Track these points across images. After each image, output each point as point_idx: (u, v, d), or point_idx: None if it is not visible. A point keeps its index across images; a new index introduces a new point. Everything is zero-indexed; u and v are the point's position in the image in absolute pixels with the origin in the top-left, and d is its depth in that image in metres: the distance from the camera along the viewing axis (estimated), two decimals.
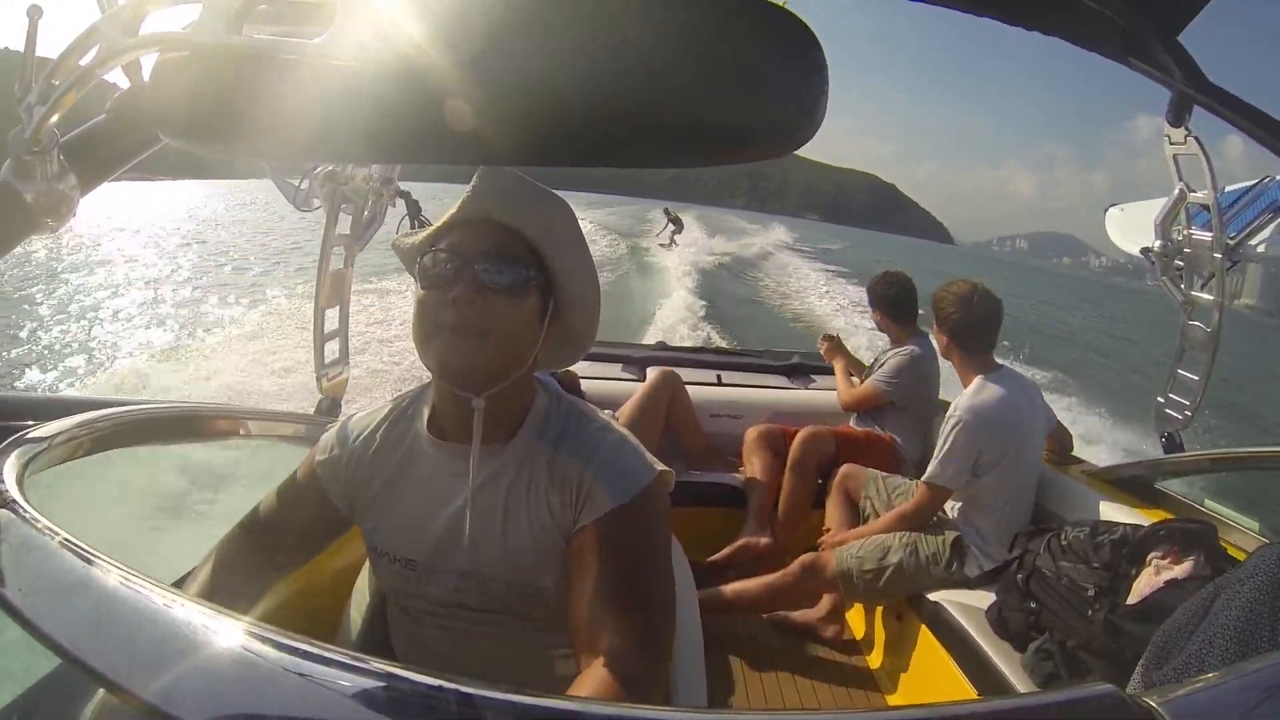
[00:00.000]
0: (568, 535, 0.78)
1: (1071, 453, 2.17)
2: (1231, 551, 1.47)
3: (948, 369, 2.59)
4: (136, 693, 0.33)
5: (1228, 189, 1.95)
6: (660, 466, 0.80)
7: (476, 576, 0.81)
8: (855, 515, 2.18)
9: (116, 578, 0.39)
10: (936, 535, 1.87)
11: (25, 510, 0.47)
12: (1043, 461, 2.00)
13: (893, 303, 2.52)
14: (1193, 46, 1.02)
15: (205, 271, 13.42)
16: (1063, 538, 1.61)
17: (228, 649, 0.35)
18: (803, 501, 2.30)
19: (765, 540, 2.22)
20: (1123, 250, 2.22)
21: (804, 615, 2.04)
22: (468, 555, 0.80)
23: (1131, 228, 2.22)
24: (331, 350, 1.80)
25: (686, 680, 0.94)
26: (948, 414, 1.87)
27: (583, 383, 2.48)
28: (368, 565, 1.06)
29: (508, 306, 0.75)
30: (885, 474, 2.19)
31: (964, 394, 1.89)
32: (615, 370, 2.89)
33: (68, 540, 0.43)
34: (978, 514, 1.86)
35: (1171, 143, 1.79)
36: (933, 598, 1.77)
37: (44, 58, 0.58)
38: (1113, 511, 1.79)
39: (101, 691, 0.58)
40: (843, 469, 2.24)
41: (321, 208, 1.61)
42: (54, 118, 0.59)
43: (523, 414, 0.82)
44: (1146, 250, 2.08)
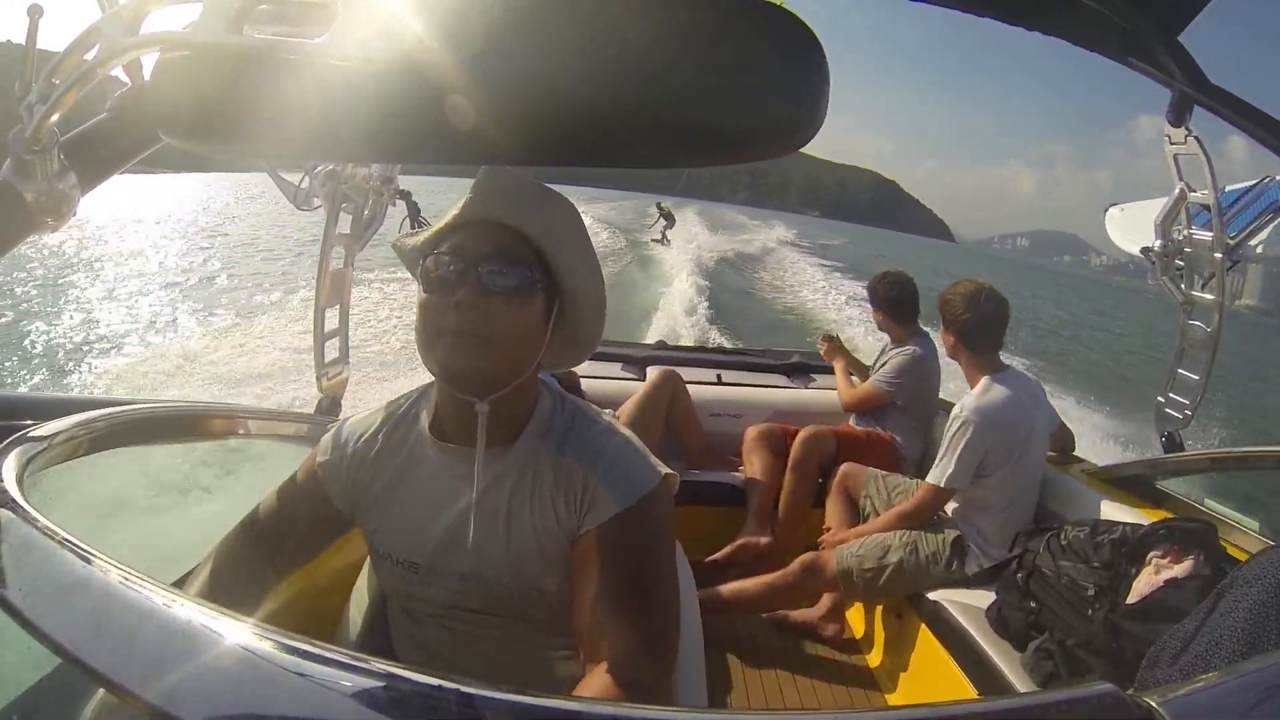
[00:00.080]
0: (572, 539, 0.77)
1: (1073, 452, 2.17)
2: (1231, 551, 1.47)
3: (948, 369, 2.60)
4: (136, 693, 0.33)
5: (1228, 189, 1.94)
6: (664, 470, 0.79)
7: (479, 579, 0.80)
8: (855, 514, 2.18)
9: (116, 578, 0.39)
10: (937, 534, 1.87)
11: (25, 510, 0.47)
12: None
13: (894, 303, 2.52)
14: (1193, 46, 1.02)
15: (236, 261, 13.62)
16: (1062, 537, 1.61)
17: (228, 649, 0.35)
18: (803, 501, 2.30)
19: (765, 539, 2.22)
20: (1123, 250, 2.22)
21: (804, 614, 2.04)
22: (470, 558, 0.79)
23: (1132, 227, 2.22)
24: (331, 349, 1.80)
25: (686, 680, 0.94)
26: (953, 414, 1.87)
27: (583, 382, 2.48)
28: (368, 565, 1.06)
29: (512, 310, 0.73)
30: (885, 473, 2.18)
31: (970, 394, 1.89)
32: (615, 370, 2.89)
33: (68, 540, 0.43)
34: (980, 514, 1.86)
35: (1172, 143, 1.79)
36: (933, 597, 1.77)
37: (45, 51, 0.58)
38: (1113, 511, 1.79)
39: (101, 691, 0.58)
40: (842, 468, 2.24)
41: (322, 207, 1.61)
42: (54, 117, 0.59)
43: (526, 416, 0.81)
44: (1147, 250, 2.07)
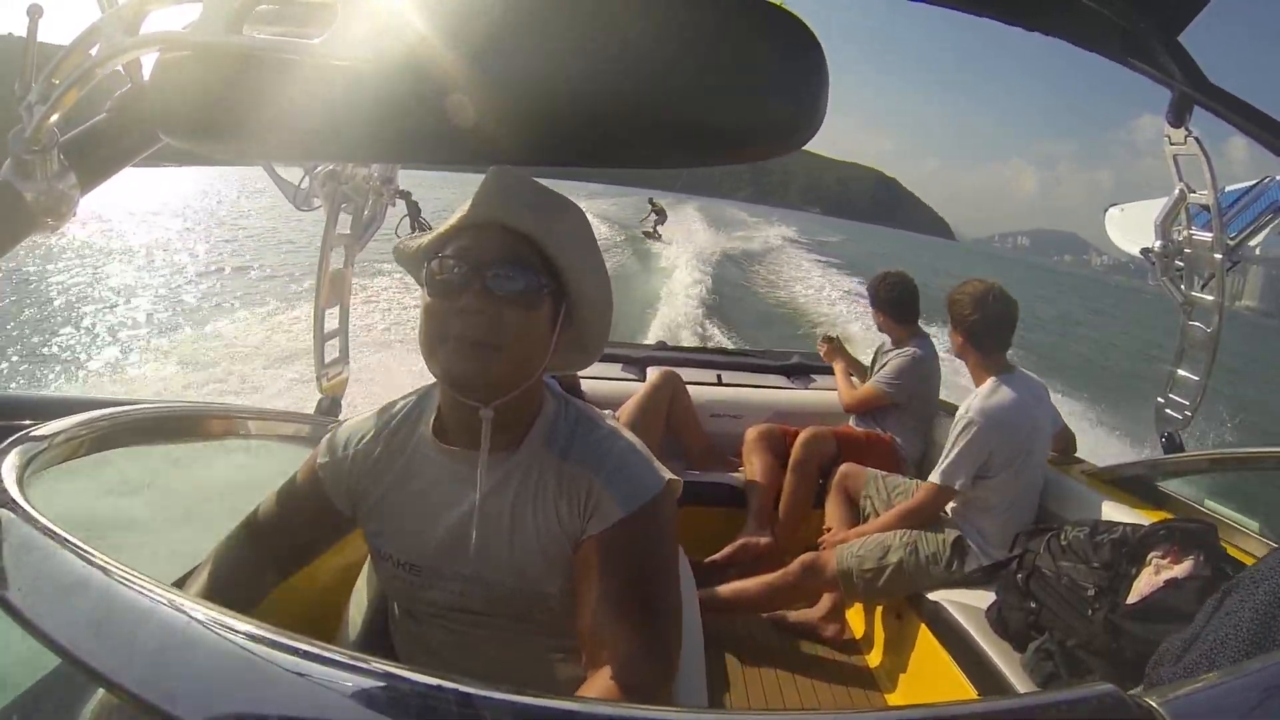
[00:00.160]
0: (575, 543, 0.77)
1: (1074, 453, 2.17)
2: (1231, 551, 1.47)
3: (949, 370, 2.59)
4: (136, 693, 0.33)
5: (1228, 189, 1.95)
6: (668, 475, 0.79)
7: (481, 581, 0.80)
8: (855, 515, 2.18)
9: (116, 578, 0.39)
10: (937, 534, 1.87)
11: (25, 510, 0.47)
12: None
13: (895, 304, 2.51)
14: (1193, 46, 1.02)
15: (263, 253, 13.68)
16: (1062, 537, 1.61)
17: (228, 649, 0.35)
18: (804, 502, 2.30)
19: (765, 539, 2.22)
20: (1123, 250, 2.22)
21: (804, 614, 2.04)
22: (472, 561, 0.79)
23: (1132, 228, 2.22)
24: (331, 350, 1.80)
25: (686, 680, 0.94)
26: (959, 414, 1.87)
27: (583, 383, 2.47)
28: (368, 566, 1.06)
29: (519, 317, 0.72)
30: (885, 474, 2.18)
31: (977, 395, 1.88)
32: (615, 370, 2.89)
33: (68, 540, 0.43)
34: (981, 514, 1.86)
35: (1172, 143, 1.79)
36: (933, 597, 1.77)
37: (46, 44, 0.58)
38: (1113, 511, 1.78)
39: (101, 691, 0.58)
40: (842, 468, 2.24)
41: (321, 207, 1.62)
42: (54, 117, 0.59)
43: (530, 420, 0.81)
44: (1147, 250, 2.08)
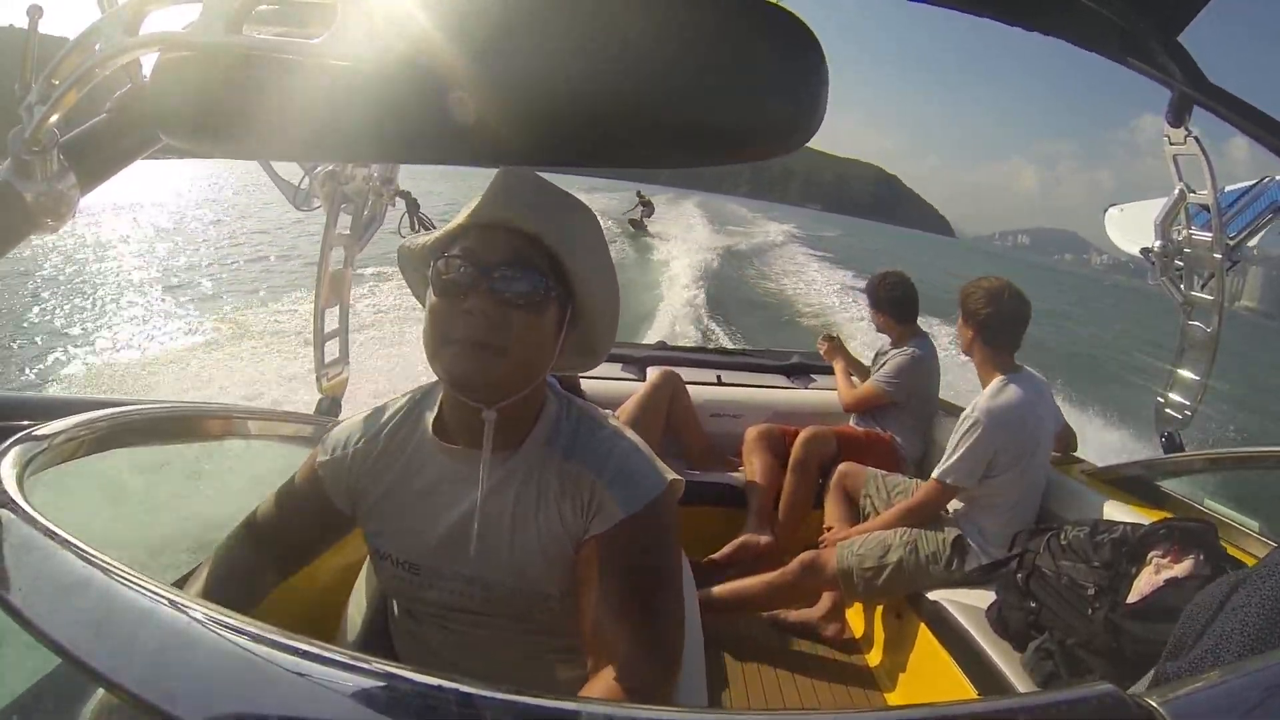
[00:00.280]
0: (577, 543, 0.77)
1: (1075, 451, 2.17)
2: (1231, 551, 1.47)
3: (949, 370, 2.59)
4: (136, 693, 0.33)
5: (1227, 189, 1.95)
6: (671, 475, 0.79)
7: (481, 582, 0.80)
8: (855, 514, 2.18)
9: (116, 578, 0.39)
10: (937, 533, 1.87)
11: (25, 510, 0.47)
12: None
13: (895, 303, 2.52)
14: (1193, 46, 1.02)
15: (289, 245, 13.61)
16: (1062, 537, 1.61)
17: (228, 649, 0.35)
18: (804, 501, 2.30)
19: (765, 539, 2.22)
20: (1123, 250, 2.22)
21: (804, 614, 2.04)
22: (473, 561, 0.79)
23: (1132, 227, 2.22)
24: (331, 350, 1.80)
25: (686, 679, 0.94)
26: (965, 413, 1.87)
27: (583, 382, 2.47)
28: (368, 565, 1.06)
29: (524, 319, 0.71)
30: (885, 473, 2.19)
31: (983, 394, 1.88)
32: (615, 370, 2.89)
33: (68, 540, 0.42)
34: (983, 514, 1.86)
35: (1171, 143, 1.79)
36: (933, 597, 1.77)
37: (48, 35, 0.58)
38: (1113, 511, 1.79)
39: (101, 691, 0.58)
40: (841, 468, 2.24)
41: (321, 207, 1.62)
42: (54, 117, 0.59)
43: (532, 420, 0.80)
44: (1146, 250, 2.08)
